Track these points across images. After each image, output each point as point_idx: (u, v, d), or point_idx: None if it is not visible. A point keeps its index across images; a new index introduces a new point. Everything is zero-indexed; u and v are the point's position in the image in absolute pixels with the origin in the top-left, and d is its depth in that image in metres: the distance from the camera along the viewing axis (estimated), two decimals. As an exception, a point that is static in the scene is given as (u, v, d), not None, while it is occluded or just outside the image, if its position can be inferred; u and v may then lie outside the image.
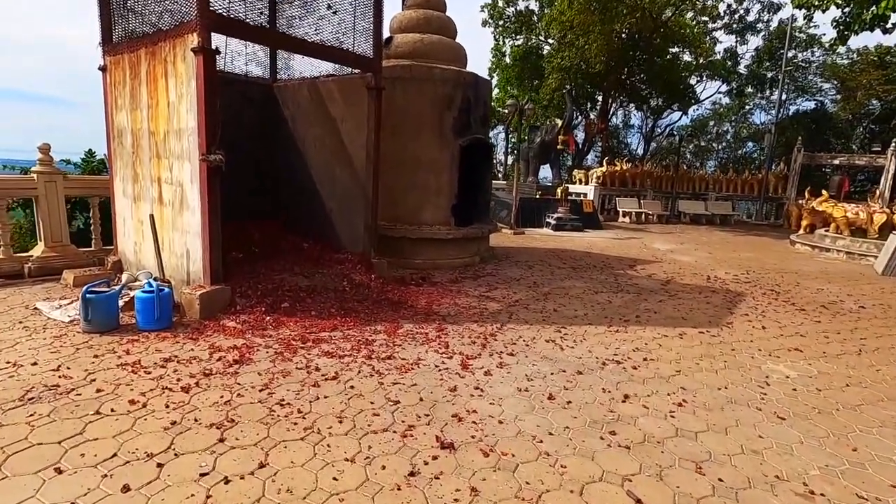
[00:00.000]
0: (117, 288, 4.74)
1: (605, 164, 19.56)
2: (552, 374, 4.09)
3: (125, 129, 5.85)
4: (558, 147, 17.35)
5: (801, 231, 15.27)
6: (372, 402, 3.41)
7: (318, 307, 5.37)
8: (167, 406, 3.21)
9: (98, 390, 3.38)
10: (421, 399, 3.51)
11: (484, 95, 8.84)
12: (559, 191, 16.13)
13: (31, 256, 6.39)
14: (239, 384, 3.57)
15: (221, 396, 3.37)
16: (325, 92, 7.11)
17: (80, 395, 3.31)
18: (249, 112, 7.42)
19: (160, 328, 4.55)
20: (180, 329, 4.61)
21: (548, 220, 15.33)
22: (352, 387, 3.64)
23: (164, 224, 5.38)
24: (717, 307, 6.62)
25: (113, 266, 6.30)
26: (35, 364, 3.75)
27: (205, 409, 3.20)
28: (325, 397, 3.45)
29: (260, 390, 3.50)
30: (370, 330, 4.90)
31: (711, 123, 34.92)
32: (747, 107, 32.57)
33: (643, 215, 19.15)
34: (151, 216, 5.32)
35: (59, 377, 3.55)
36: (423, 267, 7.99)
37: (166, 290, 4.69)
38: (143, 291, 4.55)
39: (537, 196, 16.13)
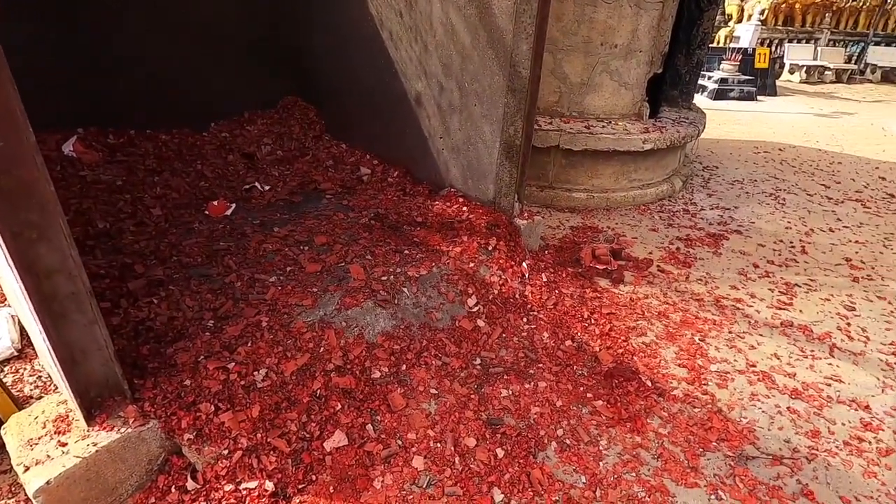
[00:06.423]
0: None
1: (772, -11, 13.19)
2: None
3: None
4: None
5: None
6: None
7: (418, 454, 1.85)
8: None
9: None
10: None
11: None
12: (722, 35, 10.75)
13: None
14: None
15: None
16: None
17: None
18: None
19: None
20: None
21: (701, 81, 10.37)
22: None
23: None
24: None
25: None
26: None
27: None
28: None
29: None
30: None
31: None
32: None
33: (817, 70, 13.45)
34: None
35: None
36: (587, 206, 4.13)
37: None
38: None
39: (686, 43, 10.87)
